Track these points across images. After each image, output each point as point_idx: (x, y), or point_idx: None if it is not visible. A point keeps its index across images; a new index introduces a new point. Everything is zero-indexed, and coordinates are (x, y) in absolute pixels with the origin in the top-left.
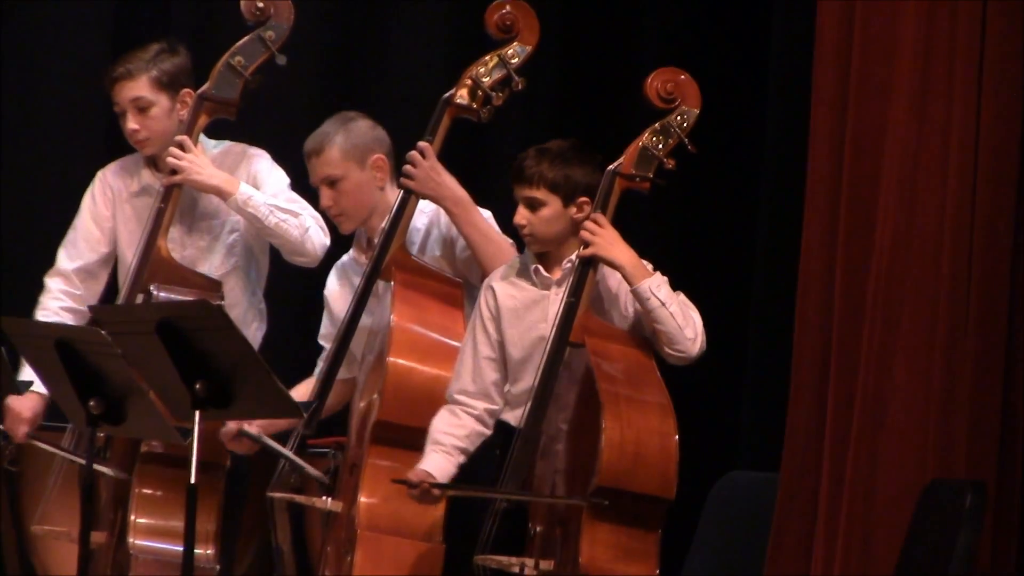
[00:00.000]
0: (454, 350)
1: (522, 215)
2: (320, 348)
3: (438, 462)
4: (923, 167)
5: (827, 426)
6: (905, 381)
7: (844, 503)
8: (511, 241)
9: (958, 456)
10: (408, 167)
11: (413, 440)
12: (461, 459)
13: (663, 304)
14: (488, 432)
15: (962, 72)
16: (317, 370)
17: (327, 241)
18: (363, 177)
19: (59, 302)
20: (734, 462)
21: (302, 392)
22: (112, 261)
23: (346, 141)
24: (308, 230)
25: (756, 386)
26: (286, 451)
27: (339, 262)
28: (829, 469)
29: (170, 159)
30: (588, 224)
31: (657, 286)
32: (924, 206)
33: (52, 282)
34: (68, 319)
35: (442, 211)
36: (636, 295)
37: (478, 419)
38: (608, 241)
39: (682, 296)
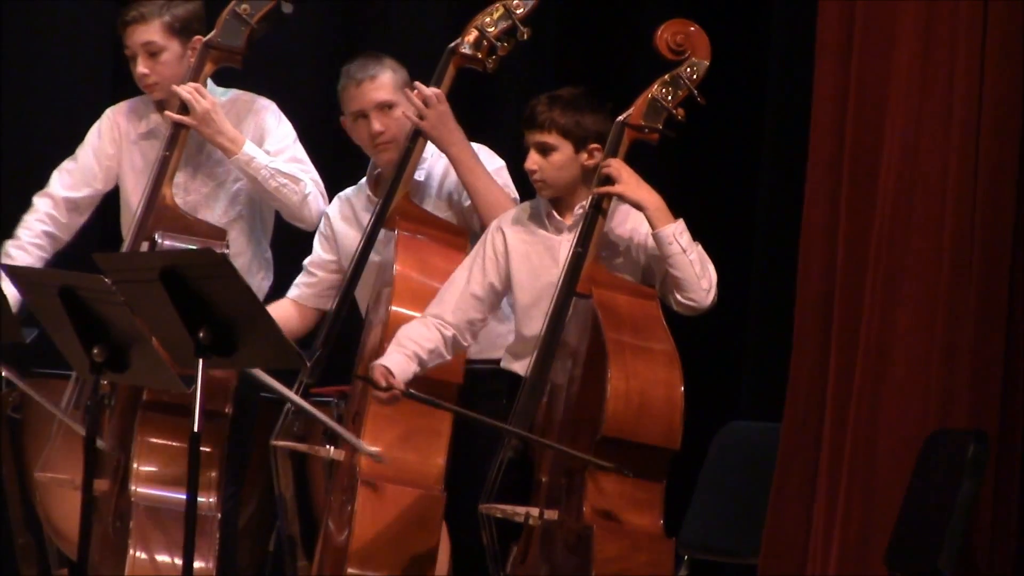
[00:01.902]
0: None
1: (533, 160)
2: (299, 270)
3: (398, 361)
4: (927, 111)
5: (830, 376)
6: (908, 331)
7: (846, 453)
8: (514, 196)
9: (960, 406)
10: (421, 107)
11: (414, 388)
12: (417, 368)
13: (684, 251)
14: (448, 359)
15: (967, 16)
16: (291, 292)
17: (325, 207)
18: (406, 109)
19: (42, 225)
20: (736, 412)
21: (276, 312)
22: (99, 200)
23: (395, 71)
24: (307, 196)
25: (758, 336)
26: (298, 398)
27: (343, 194)
28: (831, 419)
29: (188, 96)
30: (609, 167)
31: (680, 232)
32: (928, 152)
33: (40, 202)
34: (45, 244)
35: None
36: (657, 239)
37: (444, 341)
38: (633, 183)
39: (700, 247)
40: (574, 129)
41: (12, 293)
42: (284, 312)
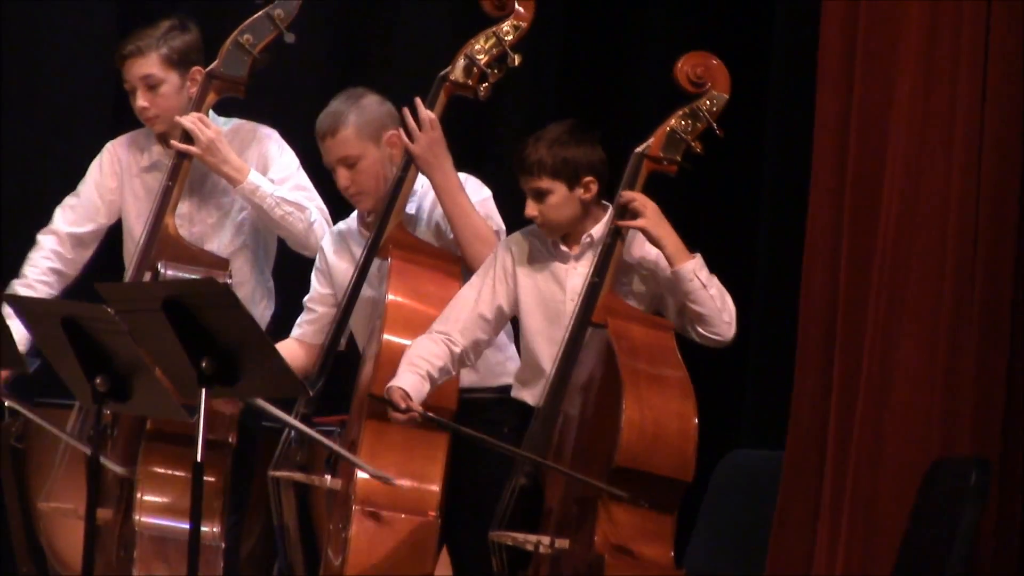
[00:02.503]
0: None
1: (532, 207)
2: (300, 309)
3: (413, 382)
4: (928, 144)
5: (832, 404)
6: (910, 358)
7: (849, 481)
8: (497, 227)
9: (963, 434)
10: (414, 127)
11: None
12: (429, 387)
13: (704, 286)
14: (453, 375)
15: (968, 51)
16: (295, 332)
17: None
18: (379, 155)
19: (48, 262)
20: (739, 440)
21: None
22: (103, 234)
23: (360, 119)
24: (313, 224)
25: (761, 364)
26: (305, 427)
27: (336, 228)
28: (834, 447)
29: (191, 127)
30: (637, 197)
31: (699, 268)
32: (929, 182)
33: (45, 239)
34: (52, 281)
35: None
36: (677, 276)
37: (453, 359)
38: (658, 217)
39: (717, 280)
40: (563, 168)
41: (21, 331)
42: (290, 352)
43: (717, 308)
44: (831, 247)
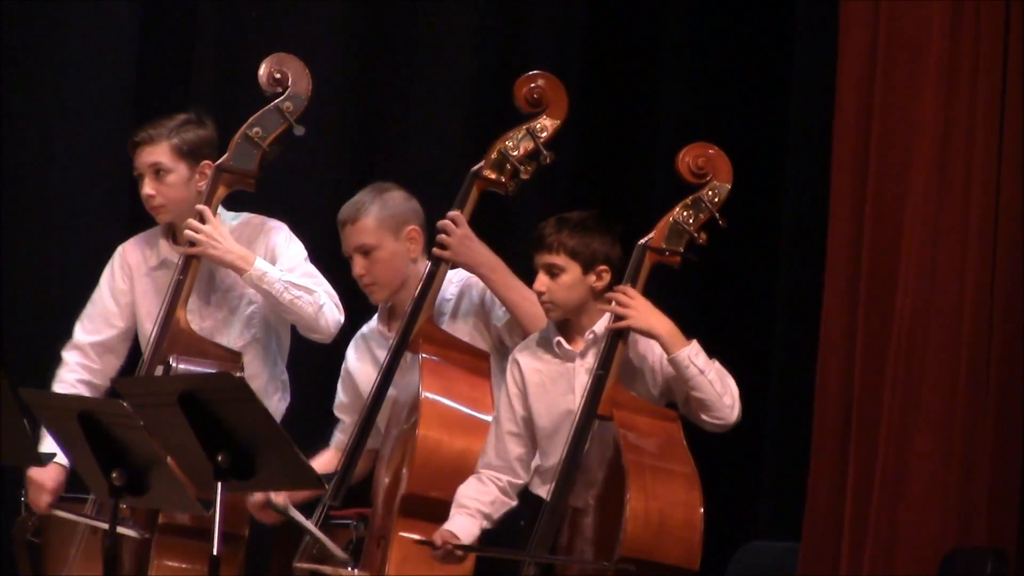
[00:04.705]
0: (481, 423)
1: (542, 282)
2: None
3: (462, 523)
4: (943, 235)
5: (847, 495)
6: (925, 450)
7: (865, 571)
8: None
9: (979, 523)
10: (442, 236)
11: (442, 513)
12: (485, 523)
13: (702, 372)
14: (513, 503)
15: (982, 141)
16: (333, 440)
17: (341, 318)
18: (397, 248)
19: (75, 375)
20: (755, 531)
21: (321, 463)
22: (131, 336)
23: (381, 211)
24: (322, 307)
25: (776, 454)
26: (309, 523)
27: (360, 333)
28: (850, 538)
29: (187, 231)
30: (618, 296)
31: (695, 354)
32: (944, 275)
33: (69, 355)
34: (84, 392)
35: (472, 280)
36: (674, 364)
37: (502, 490)
38: (643, 311)
39: (717, 363)
40: (582, 251)
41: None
42: (329, 461)
43: (717, 393)
44: (846, 338)
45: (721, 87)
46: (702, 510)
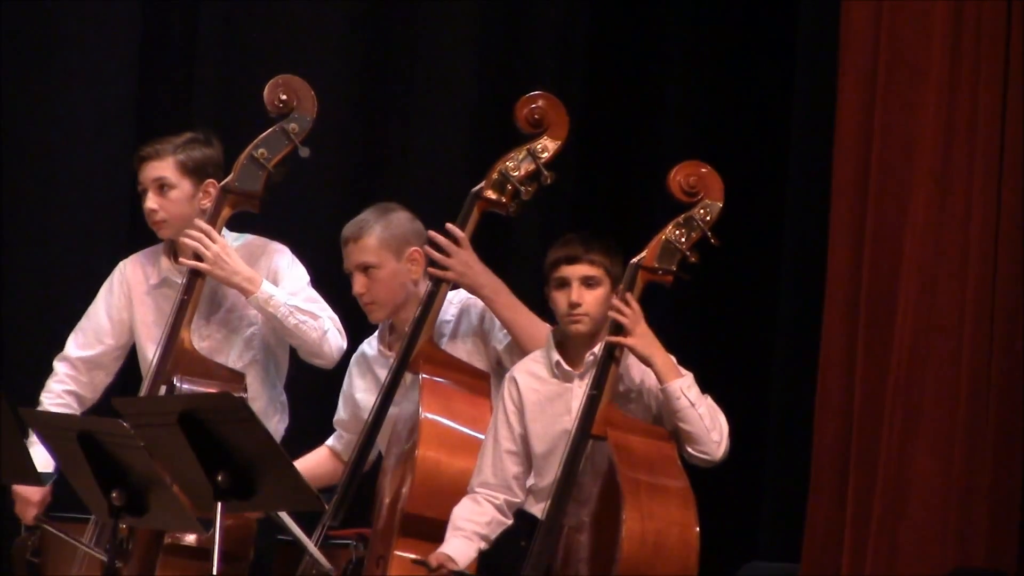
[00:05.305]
0: (481, 443)
1: (579, 293)
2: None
3: (458, 546)
4: (943, 256)
5: (847, 516)
6: (925, 471)
7: None
8: (548, 326)
9: (978, 546)
10: (441, 256)
11: (441, 533)
12: (482, 545)
13: (692, 405)
14: (509, 522)
15: (982, 164)
16: (331, 441)
17: (344, 344)
18: (398, 268)
19: (63, 385)
20: (755, 552)
21: (308, 464)
22: (123, 354)
23: (385, 231)
24: (326, 333)
25: (776, 476)
26: (297, 529)
27: (360, 353)
28: (850, 559)
29: (195, 244)
30: (624, 309)
31: (688, 387)
32: (944, 296)
33: (58, 366)
34: (69, 402)
35: (472, 301)
36: (666, 394)
37: (498, 509)
38: (647, 338)
39: (710, 399)
40: (611, 268)
41: (44, 456)
42: (322, 458)
43: (705, 428)
44: (846, 357)
45: (722, 108)
46: (698, 529)
